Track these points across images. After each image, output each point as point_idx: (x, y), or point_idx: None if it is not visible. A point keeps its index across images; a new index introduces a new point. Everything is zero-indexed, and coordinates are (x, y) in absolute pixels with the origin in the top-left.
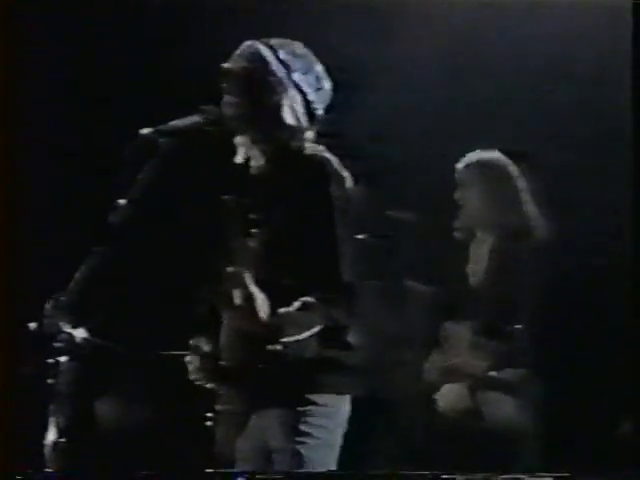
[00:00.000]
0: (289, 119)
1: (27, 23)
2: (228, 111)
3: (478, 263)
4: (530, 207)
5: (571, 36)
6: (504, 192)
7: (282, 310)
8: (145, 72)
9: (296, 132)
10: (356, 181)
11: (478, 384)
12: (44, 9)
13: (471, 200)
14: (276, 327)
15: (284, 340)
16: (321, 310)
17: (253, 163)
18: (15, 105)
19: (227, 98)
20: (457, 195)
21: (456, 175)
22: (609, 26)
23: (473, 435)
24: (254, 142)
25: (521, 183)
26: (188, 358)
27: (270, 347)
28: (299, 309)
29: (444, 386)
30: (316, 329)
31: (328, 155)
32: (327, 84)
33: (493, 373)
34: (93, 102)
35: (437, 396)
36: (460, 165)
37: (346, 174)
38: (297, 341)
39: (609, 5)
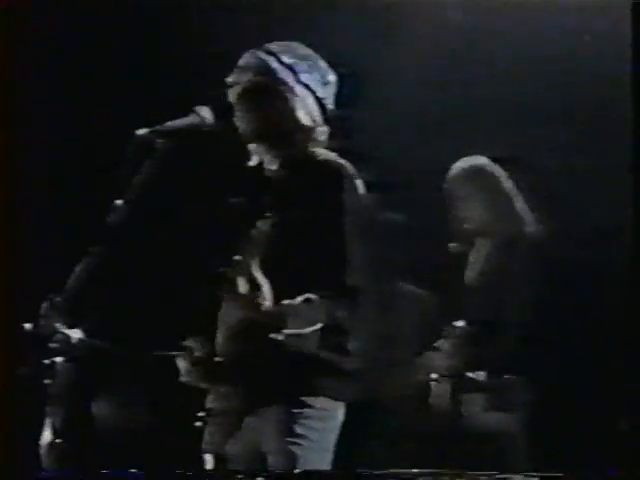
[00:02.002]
0: (305, 120)
1: (27, 23)
2: (243, 127)
3: (474, 269)
4: (522, 210)
5: (571, 36)
6: (496, 198)
7: (286, 301)
8: (144, 72)
9: (312, 132)
10: (369, 188)
11: (459, 385)
12: (44, 9)
13: (465, 211)
14: (279, 317)
15: (287, 331)
16: (324, 307)
17: (266, 167)
18: (15, 105)
19: (239, 114)
20: (450, 207)
21: (446, 187)
22: (609, 26)
23: (460, 436)
24: (269, 150)
25: (510, 186)
26: (180, 360)
27: (273, 335)
28: (302, 303)
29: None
30: (318, 326)
31: (342, 161)
32: (332, 76)
33: (474, 375)
34: (93, 102)
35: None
36: (449, 177)
37: (359, 180)
38: (299, 335)
39: (609, 5)
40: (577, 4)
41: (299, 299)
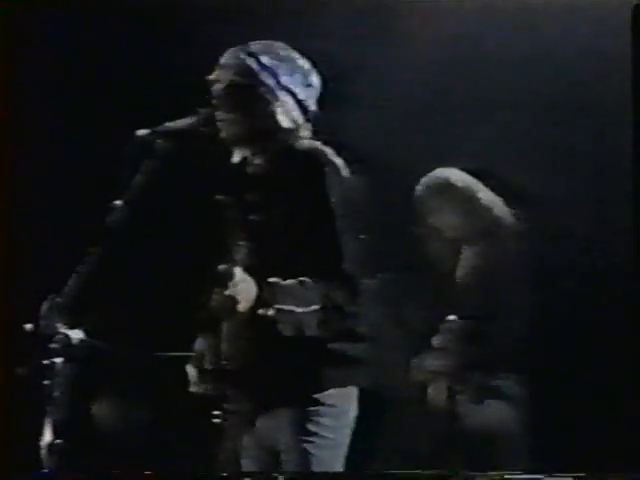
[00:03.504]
0: (285, 123)
1: (27, 24)
2: (224, 128)
3: (464, 267)
4: (502, 212)
5: (571, 36)
6: (470, 207)
7: (274, 279)
8: (144, 73)
9: (292, 133)
10: (352, 170)
11: (456, 384)
12: (44, 10)
13: (440, 222)
14: (267, 295)
15: (277, 306)
16: (318, 289)
17: (250, 163)
18: (15, 105)
19: (220, 115)
20: (426, 220)
21: (419, 202)
22: (609, 26)
23: (457, 434)
24: (253, 151)
25: (485, 194)
26: (189, 369)
27: (261, 311)
28: (295, 283)
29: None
30: (313, 307)
31: (323, 147)
32: (315, 79)
33: (473, 375)
34: (93, 103)
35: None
36: (417, 193)
37: (341, 163)
38: (292, 312)
39: (609, 5)
40: (577, 4)
41: (290, 280)
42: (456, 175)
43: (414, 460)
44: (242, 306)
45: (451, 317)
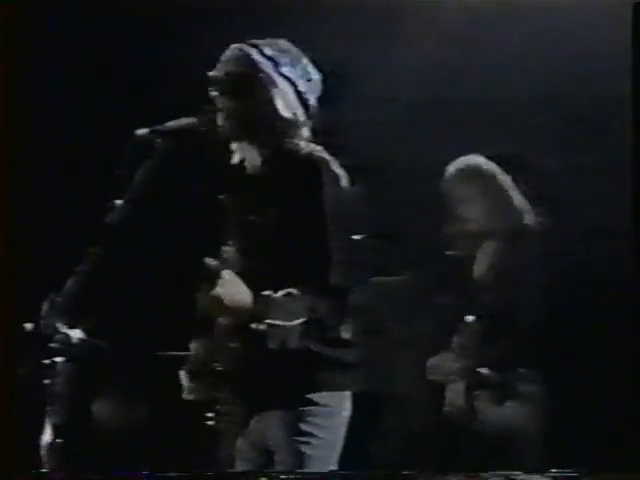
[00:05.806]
0: (284, 112)
1: (27, 23)
2: (223, 119)
3: (482, 265)
4: (521, 203)
5: (571, 36)
6: (494, 196)
7: (266, 293)
8: (144, 72)
9: (292, 125)
10: (352, 181)
11: (473, 383)
12: (44, 9)
13: (466, 212)
14: (261, 309)
15: (269, 321)
16: (305, 302)
17: (249, 163)
18: (15, 105)
19: (220, 106)
20: (449, 209)
21: (443, 189)
22: (609, 26)
23: (471, 434)
24: (251, 144)
25: (507, 182)
26: (182, 375)
27: (254, 325)
28: (284, 296)
29: (448, 385)
30: (300, 320)
31: (324, 155)
32: (315, 75)
33: (488, 372)
34: (92, 102)
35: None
36: (446, 179)
37: (341, 173)
38: (283, 327)
39: (609, 5)
40: (577, 4)
41: (280, 293)
42: (487, 163)
43: (414, 461)
44: (229, 308)
45: (469, 318)
